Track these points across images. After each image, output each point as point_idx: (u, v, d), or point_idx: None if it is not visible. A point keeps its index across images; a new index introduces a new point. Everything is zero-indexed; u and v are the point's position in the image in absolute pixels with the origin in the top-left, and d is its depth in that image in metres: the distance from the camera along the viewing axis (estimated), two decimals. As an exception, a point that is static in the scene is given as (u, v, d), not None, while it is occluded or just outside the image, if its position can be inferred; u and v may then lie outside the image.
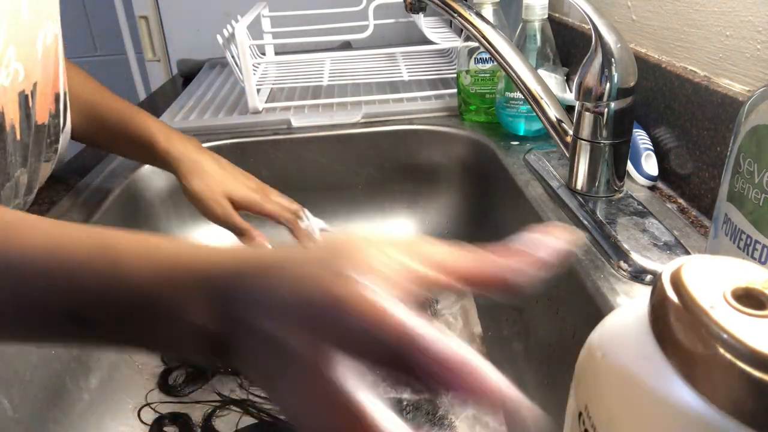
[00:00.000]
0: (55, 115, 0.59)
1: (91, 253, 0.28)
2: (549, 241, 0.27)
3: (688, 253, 0.48)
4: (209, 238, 0.83)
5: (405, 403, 0.58)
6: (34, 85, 0.53)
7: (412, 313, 0.23)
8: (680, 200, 0.59)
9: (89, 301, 0.28)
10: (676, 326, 0.20)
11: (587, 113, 0.54)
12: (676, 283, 0.21)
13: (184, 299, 0.26)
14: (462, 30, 0.71)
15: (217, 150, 0.82)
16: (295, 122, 0.84)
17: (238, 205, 0.63)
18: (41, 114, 0.56)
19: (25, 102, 0.52)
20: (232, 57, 0.89)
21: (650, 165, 0.61)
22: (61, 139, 0.61)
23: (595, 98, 0.53)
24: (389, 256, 0.25)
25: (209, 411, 0.58)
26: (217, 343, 0.26)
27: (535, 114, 0.61)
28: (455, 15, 0.60)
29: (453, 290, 0.26)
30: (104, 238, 0.29)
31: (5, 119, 0.50)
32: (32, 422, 0.50)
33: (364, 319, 0.23)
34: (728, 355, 0.18)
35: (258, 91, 0.92)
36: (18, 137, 0.52)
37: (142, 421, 0.58)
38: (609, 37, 0.51)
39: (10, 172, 0.52)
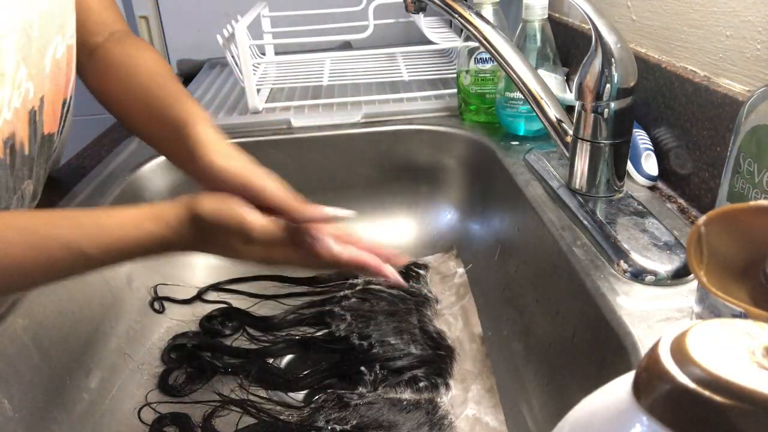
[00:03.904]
0: (58, 122, 0.60)
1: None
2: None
3: (688, 253, 0.48)
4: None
5: (405, 402, 0.58)
6: (42, 99, 0.53)
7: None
8: (680, 200, 0.59)
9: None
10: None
11: (587, 113, 0.54)
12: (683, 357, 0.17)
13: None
14: (462, 30, 0.71)
15: (217, 150, 0.82)
16: (295, 122, 0.84)
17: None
18: (49, 124, 0.56)
19: (33, 118, 0.53)
20: (232, 57, 0.89)
21: (650, 165, 0.61)
22: (60, 141, 0.62)
23: (595, 98, 0.53)
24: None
25: (209, 411, 0.58)
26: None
27: (535, 114, 0.61)
28: (455, 15, 0.60)
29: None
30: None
31: (15, 139, 0.50)
32: (32, 422, 0.50)
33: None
34: None
35: (258, 91, 0.92)
36: (26, 152, 0.52)
37: (142, 421, 0.58)
38: (609, 37, 0.51)
39: (17, 186, 0.53)
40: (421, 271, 0.78)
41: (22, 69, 0.49)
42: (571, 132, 0.58)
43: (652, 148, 0.62)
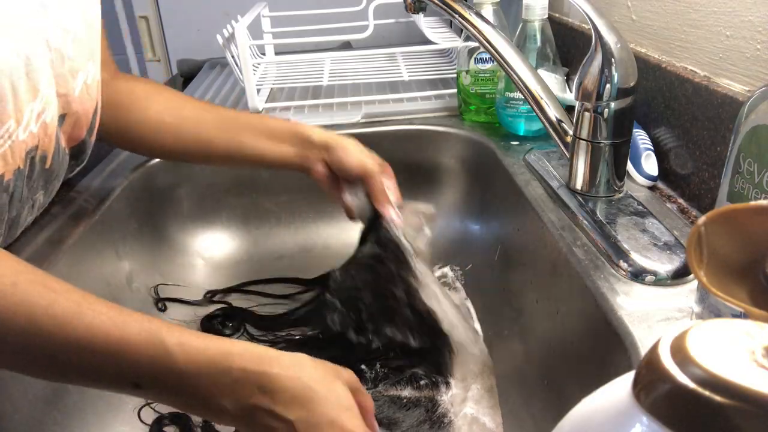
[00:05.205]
0: (87, 145, 0.61)
1: (148, 346, 0.38)
2: None
3: (688, 253, 0.48)
4: (207, 239, 0.83)
5: (405, 400, 0.58)
6: (65, 116, 0.55)
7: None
8: (680, 200, 0.59)
9: (144, 380, 0.39)
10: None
11: (587, 113, 0.54)
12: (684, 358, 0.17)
13: (219, 395, 0.39)
14: (462, 30, 0.71)
15: (217, 150, 0.82)
16: (295, 122, 0.84)
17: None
18: (65, 140, 0.57)
19: (57, 134, 0.54)
20: (232, 57, 0.89)
21: (650, 165, 0.61)
22: (84, 159, 0.63)
23: (595, 98, 0.53)
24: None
25: None
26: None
27: (535, 114, 0.61)
28: (455, 15, 0.60)
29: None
30: (157, 334, 0.39)
31: (38, 152, 0.51)
32: (32, 422, 0.50)
33: None
34: None
35: (258, 91, 0.92)
36: (47, 165, 0.54)
37: (142, 421, 0.58)
38: (609, 37, 0.51)
39: (31, 196, 0.54)
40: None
41: (53, 86, 0.51)
42: (571, 132, 0.58)
43: (652, 148, 0.62)
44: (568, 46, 0.87)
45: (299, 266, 0.80)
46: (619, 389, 0.19)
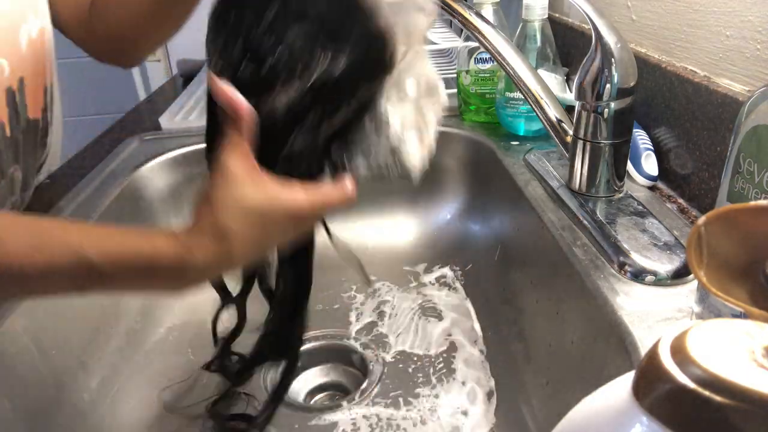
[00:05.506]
0: (44, 108, 0.59)
1: (76, 267, 0.38)
2: None
3: (688, 253, 0.48)
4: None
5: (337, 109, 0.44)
6: (21, 80, 0.53)
7: None
8: (680, 200, 0.59)
9: (85, 289, 0.40)
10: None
11: (587, 113, 0.54)
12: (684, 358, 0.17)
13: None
14: (462, 30, 0.71)
15: (217, 150, 0.82)
16: (295, 122, 0.84)
17: None
18: (33, 109, 0.56)
19: (12, 98, 0.52)
20: (232, 57, 0.89)
21: (650, 165, 0.61)
22: (52, 131, 0.61)
23: (595, 98, 0.53)
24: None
25: (213, 399, 0.58)
26: None
27: (535, 114, 0.61)
28: (455, 15, 0.60)
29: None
30: (80, 250, 0.38)
31: None
32: (32, 422, 0.50)
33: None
34: None
35: (258, 91, 0.91)
36: (8, 134, 0.52)
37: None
38: (609, 37, 0.51)
39: (3, 170, 0.53)
40: None
41: None
42: (571, 132, 0.58)
43: (652, 148, 0.62)
44: (568, 46, 0.87)
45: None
46: (619, 389, 0.19)
